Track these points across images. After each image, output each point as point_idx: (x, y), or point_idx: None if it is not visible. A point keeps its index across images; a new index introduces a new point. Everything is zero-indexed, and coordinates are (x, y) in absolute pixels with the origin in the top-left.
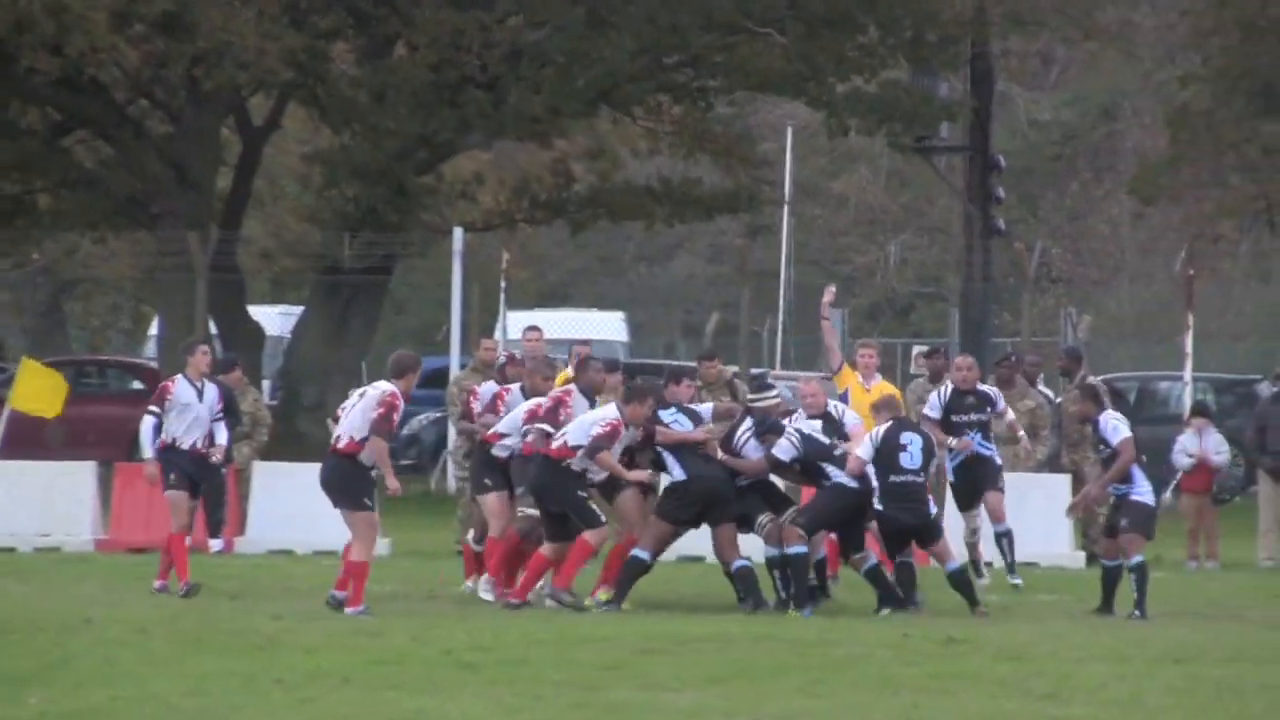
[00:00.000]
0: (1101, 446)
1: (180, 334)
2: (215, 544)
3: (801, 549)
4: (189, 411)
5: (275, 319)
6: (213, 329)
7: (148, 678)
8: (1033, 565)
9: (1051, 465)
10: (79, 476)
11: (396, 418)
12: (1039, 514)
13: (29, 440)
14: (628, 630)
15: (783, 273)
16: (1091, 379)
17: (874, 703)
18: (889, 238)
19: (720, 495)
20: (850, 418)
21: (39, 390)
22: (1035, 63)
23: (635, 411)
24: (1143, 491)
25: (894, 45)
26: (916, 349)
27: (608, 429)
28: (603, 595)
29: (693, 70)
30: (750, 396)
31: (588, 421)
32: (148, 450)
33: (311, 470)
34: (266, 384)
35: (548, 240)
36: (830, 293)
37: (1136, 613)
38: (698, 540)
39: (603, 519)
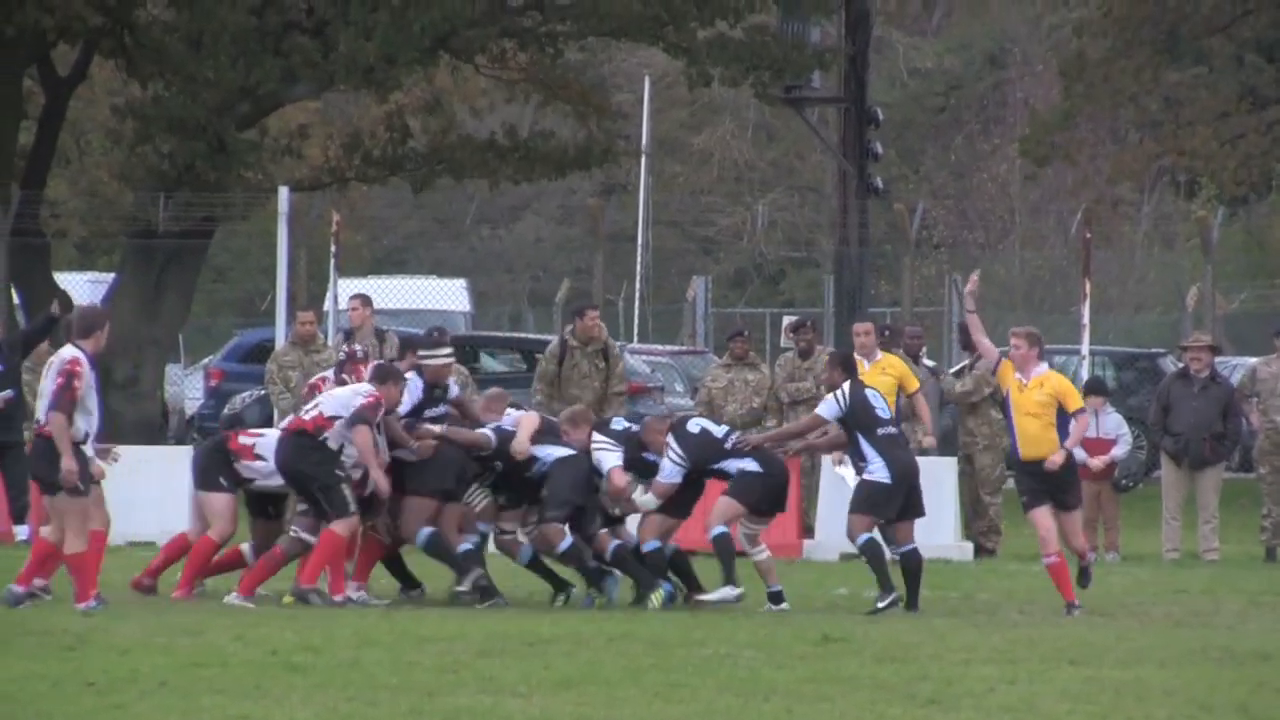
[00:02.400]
0: None
1: None
2: (21, 531)
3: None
4: None
5: (84, 287)
6: (15, 298)
7: None
8: None
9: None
10: None
11: (79, 386)
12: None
13: None
14: (470, 630)
15: (640, 235)
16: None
17: (742, 709)
18: (756, 197)
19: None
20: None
21: None
22: (916, 5)
23: (389, 393)
24: (873, 470)
25: None
26: (786, 319)
27: (371, 400)
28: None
29: (539, 14)
30: (421, 353)
31: (349, 392)
32: None
33: (126, 452)
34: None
35: (382, 201)
36: (974, 281)
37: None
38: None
39: (352, 508)
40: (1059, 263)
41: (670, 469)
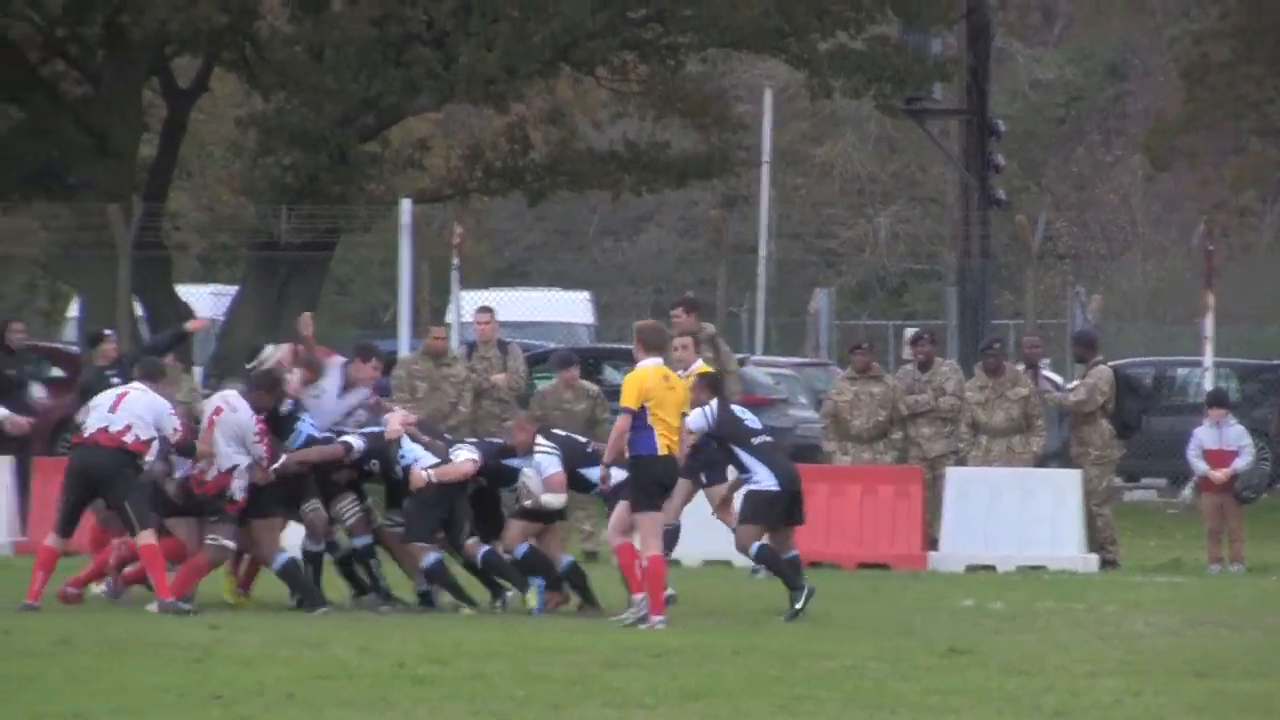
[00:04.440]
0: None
1: (102, 316)
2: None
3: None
4: None
5: (206, 299)
6: (138, 311)
7: (72, 693)
8: (1040, 569)
9: (1062, 459)
10: None
11: None
12: (1045, 513)
13: None
14: (596, 642)
15: (762, 247)
16: (1104, 366)
17: None
18: (878, 209)
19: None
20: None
21: None
22: (1036, 16)
23: (260, 399)
24: (759, 479)
25: None
26: (908, 331)
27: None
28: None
29: (660, 26)
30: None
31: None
32: None
33: None
34: (199, 371)
35: (504, 213)
36: None
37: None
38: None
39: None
40: (1182, 273)
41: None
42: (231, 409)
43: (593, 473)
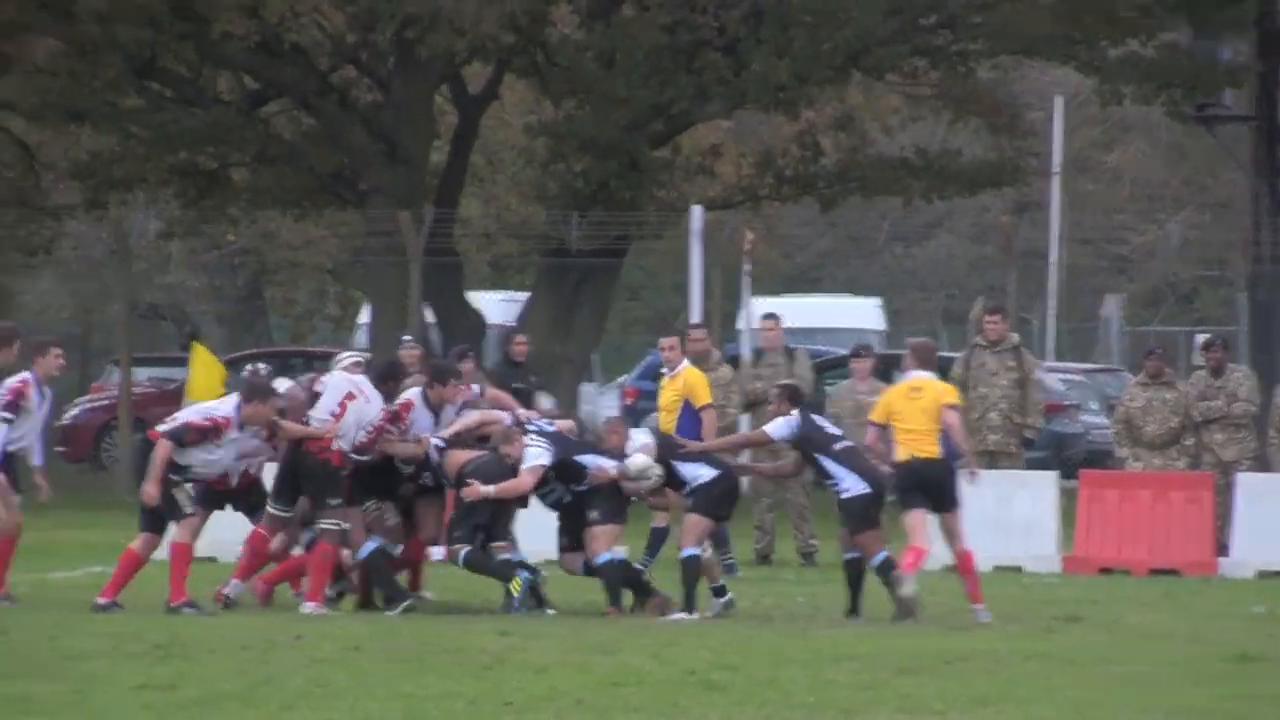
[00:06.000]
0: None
1: (393, 322)
2: None
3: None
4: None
5: (497, 306)
6: (429, 317)
7: (361, 699)
8: None
9: None
10: None
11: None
12: None
13: None
14: (888, 647)
15: (1053, 253)
16: None
17: None
18: (1169, 215)
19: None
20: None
21: (212, 381)
22: None
23: (254, 412)
24: (847, 487)
25: (1172, 4)
26: (1199, 338)
27: (200, 423)
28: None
29: (951, 32)
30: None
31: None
32: None
33: None
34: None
35: (794, 219)
36: None
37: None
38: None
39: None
40: None
41: (536, 453)
42: (365, 399)
43: (686, 468)
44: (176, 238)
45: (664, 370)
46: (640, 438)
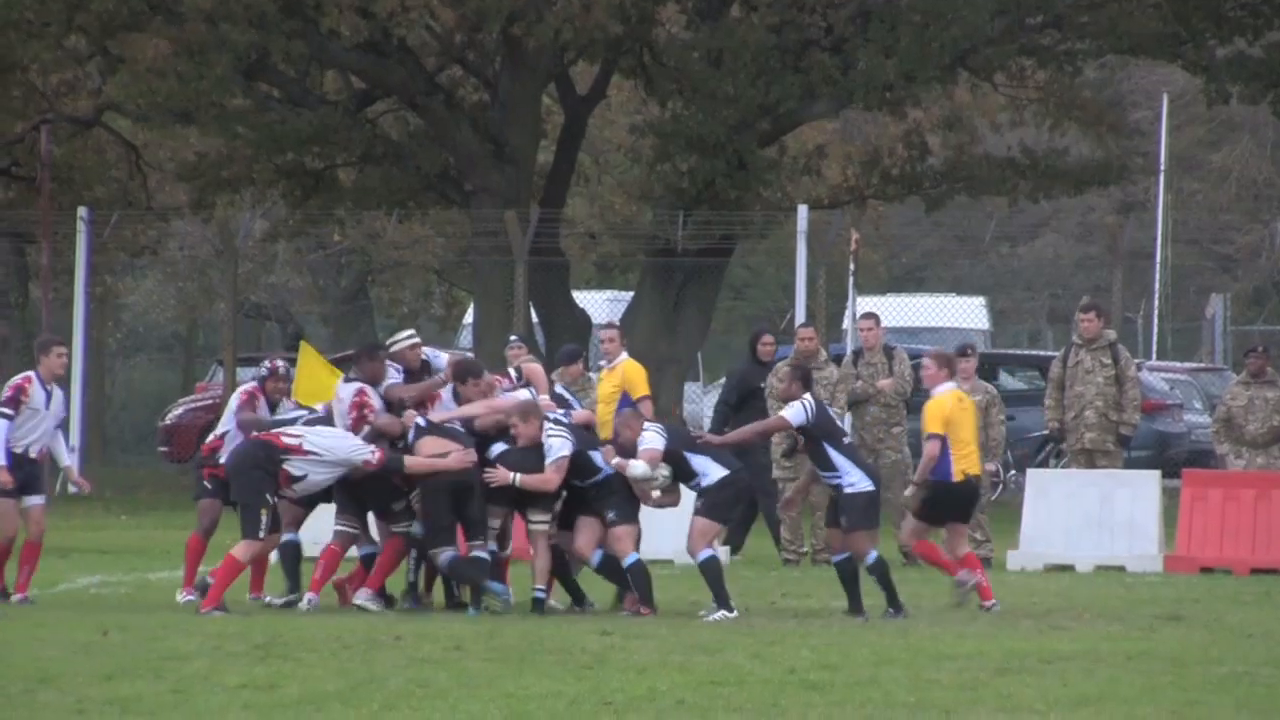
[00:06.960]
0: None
1: (498, 321)
2: None
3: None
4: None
5: (602, 305)
6: (534, 317)
7: (462, 699)
8: None
9: None
10: None
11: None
12: None
13: None
14: (988, 648)
15: (1158, 253)
16: None
17: None
18: (1274, 215)
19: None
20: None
21: (321, 382)
22: None
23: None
24: (852, 482)
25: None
26: None
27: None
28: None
29: (1058, 32)
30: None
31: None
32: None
33: None
34: (593, 377)
35: (900, 219)
36: None
37: (890, 610)
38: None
39: (261, 534)
40: None
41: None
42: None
43: (696, 461)
44: (282, 238)
45: (603, 362)
46: (652, 436)
